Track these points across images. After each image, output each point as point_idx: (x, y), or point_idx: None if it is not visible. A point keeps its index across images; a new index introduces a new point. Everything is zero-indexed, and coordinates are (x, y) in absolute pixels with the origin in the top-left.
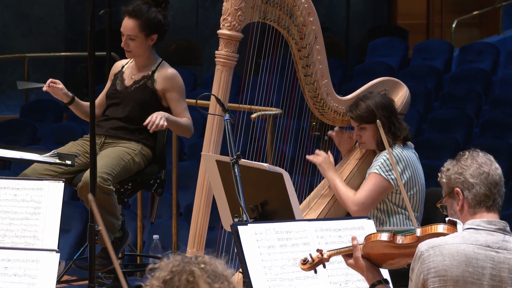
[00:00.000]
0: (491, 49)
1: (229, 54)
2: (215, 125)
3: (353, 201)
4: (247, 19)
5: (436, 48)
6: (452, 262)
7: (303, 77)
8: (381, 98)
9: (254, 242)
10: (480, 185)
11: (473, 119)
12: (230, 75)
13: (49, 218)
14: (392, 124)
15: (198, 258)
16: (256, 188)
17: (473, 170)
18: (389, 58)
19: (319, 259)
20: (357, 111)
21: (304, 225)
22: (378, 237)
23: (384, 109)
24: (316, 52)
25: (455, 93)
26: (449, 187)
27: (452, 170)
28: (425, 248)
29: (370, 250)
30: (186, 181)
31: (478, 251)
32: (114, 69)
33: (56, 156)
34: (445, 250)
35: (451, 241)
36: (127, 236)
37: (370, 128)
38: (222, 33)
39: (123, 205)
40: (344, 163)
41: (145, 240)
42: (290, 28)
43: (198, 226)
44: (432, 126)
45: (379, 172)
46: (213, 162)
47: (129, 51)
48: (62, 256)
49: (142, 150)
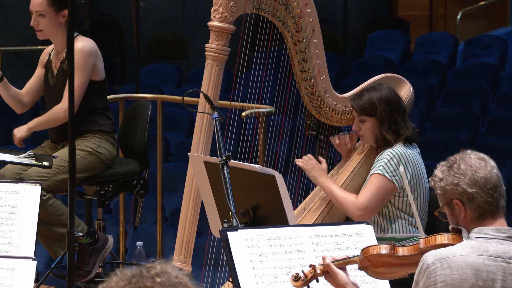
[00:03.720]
0: (499, 42)
1: (220, 47)
2: (205, 124)
3: (356, 206)
4: (240, 10)
5: (439, 41)
6: (461, 275)
7: (299, 73)
8: (388, 92)
9: (245, 249)
10: (480, 194)
11: (479, 117)
12: (221, 70)
13: (25, 223)
14: (394, 121)
15: (150, 271)
16: (247, 191)
17: (469, 178)
18: (389, 52)
19: (312, 274)
20: (359, 102)
21: (299, 230)
22: (376, 251)
23: (387, 104)
24: (313, 46)
25: (460, 89)
26: (447, 198)
27: (446, 180)
28: (431, 260)
29: (368, 263)
30: (172, 183)
31: (488, 262)
32: (42, 56)
33: (32, 157)
34: (453, 263)
35: (459, 252)
36: (103, 241)
37: (369, 121)
38: (212, 25)
39: (104, 209)
40: (343, 165)
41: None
42: (286, 21)
43: (185, 232)
44: (435, 125)
45: (382, 173)
46: (201, 164)
47: (40, 30)
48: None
49: (103, 139)
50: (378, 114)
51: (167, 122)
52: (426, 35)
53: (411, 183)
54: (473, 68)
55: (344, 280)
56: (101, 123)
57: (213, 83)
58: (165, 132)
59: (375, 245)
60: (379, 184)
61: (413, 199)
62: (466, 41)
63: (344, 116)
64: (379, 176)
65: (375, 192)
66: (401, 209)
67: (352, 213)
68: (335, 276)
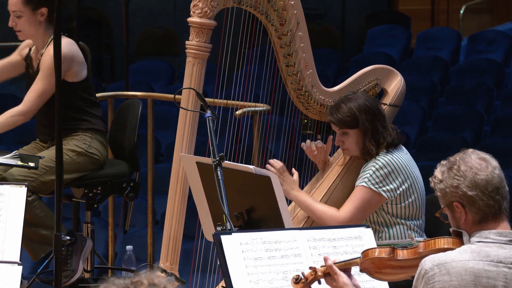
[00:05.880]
0: (503, 38)
1: (200, 44)
2: (188, 121)
3: (338, 219)
4: (220, 4)
5: (441, 36)
6: (460, 282)
7: (285, 68)
8: (365, 100)
9: (239, 253)
10: (481, 196)
11: (483, 116)
12: (203, 68)
13: (10, 226)
14: (375, 130)
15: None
16: (241, 193)
17: (469, 180)
18: (389, 48)
19: (313, 276)
20: (338, 115)
21: (295, 234)
22: (376, 253)
23: (367, 113)
24: (298, 40)
25: (463, 87)
26: (447, 200)
27: (446, 182)
28: (429, 266)
29: (369, 266)
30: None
31: (489, 268)
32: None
33: (18, 157)
34: (452, 269)
35: (459, 257)
36: (81, 241)
37: (352, 133)
38: (192, 21)
39: (92, 212)
40: (321, 177)
41: (117, 252)
42: (269, 13)
43: (171, 237)
44: (438, 124)
45: (368, 186)
46: (193, 164)
47: (19, 30)
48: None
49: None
50: (361, 125)
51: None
52: (428, 30)
53: (404, 192)
54: (477, 64)
55: (345, 282)
56: (92, 122)
57: (195, 81)
58: (156, 132)
59: (375, 248)
60: (364, 197)
61: (408, 205)
62: (469, 36)
63: None
64: (364, 189)
65: (358, 205)
66: (398, 215)
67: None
68: (337, 277)
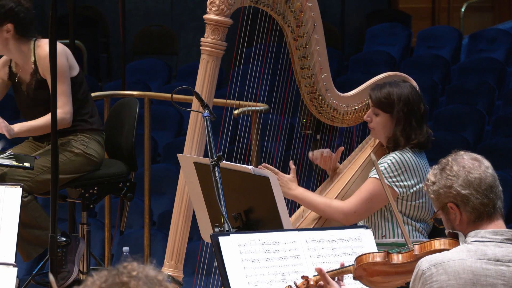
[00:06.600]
0: (505, 36)
1: (216, 42)
2: (199, 123)
3: (343, 211)
4: (238, 2)
5: (442, 35)
6: (458, 281)
7: (300, 70)
8: (410, 92)
9: (237, 254)
10: (475, 195)
11: (484, 115)
12: (217, 66)
13: (4, 227)
14: (409, 123)
15: (127, 267)
16: (239, 193)
17: (463, 179)
18: (389, 46)
19: (305, 286)
20: (378, 93)
21: (294, 235)
22: (370, 259)
23: (406, 104)
24: (314, 42)
25: (464, 86)
26: (441, 202)
27: (439, 183)
28: (426, 266)
29: (363, 273)
30: (160, 185)
31: (486, 266)
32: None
33: (12, 157)
34: (449, 268)
35: (456, 256)
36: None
37: (383, 116)
38: (209, 18)
39: (88, 213)
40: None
41: (114, 253)
42: (286, 14)
43: (177, 237)
44: (438, 123)
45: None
46: (191, 165)
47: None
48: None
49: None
50: (395, 113)
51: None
52: (429, 29)
53: (415, 192)
54: (478, 63)
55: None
56: (90, 121)
57: (208, 79)
58: (153, 132)
59: (369, 253)
60: (373, 189)
61: (418, 205)
62: (470, 35)
63: (346, 116)
64: (376, 181)
65: (366, 197)
66: (406, 214)
67: (338, 219)
68: (329, 287)
